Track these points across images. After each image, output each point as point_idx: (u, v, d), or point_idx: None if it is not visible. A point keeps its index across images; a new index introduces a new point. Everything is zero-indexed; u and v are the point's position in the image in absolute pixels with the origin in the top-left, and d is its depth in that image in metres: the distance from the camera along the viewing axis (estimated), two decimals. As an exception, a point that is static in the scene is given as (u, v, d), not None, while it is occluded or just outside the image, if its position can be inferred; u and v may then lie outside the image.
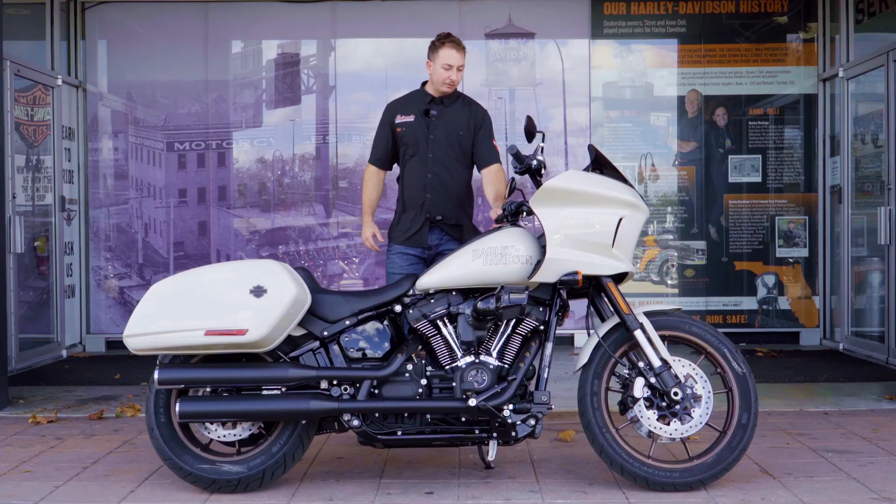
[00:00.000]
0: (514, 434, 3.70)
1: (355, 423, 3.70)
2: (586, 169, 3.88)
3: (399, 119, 4.68)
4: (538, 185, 3.85)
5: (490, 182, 4.62)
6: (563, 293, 3.77)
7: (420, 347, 3.83)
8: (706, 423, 3.71)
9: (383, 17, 7.98)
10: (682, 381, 3.70)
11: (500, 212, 4.13)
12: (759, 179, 7.95)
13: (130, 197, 8.02)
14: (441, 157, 4.61)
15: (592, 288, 3.82)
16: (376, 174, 4.79)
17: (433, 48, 4.61)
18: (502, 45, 8.03)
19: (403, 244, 4.65)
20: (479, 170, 4.72)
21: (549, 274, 3.68)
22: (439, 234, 4.64)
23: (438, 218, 4.61)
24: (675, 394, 3.66)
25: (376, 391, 3.75)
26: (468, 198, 4.73)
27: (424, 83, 4.74)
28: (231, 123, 8.04)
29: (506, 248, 3.75)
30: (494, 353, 3.75)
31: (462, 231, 4.66)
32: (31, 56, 7.55)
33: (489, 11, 7.99)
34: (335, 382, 3.74)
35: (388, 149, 4.75)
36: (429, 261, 4.60)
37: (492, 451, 3.80)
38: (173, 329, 3.59)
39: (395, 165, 4.85)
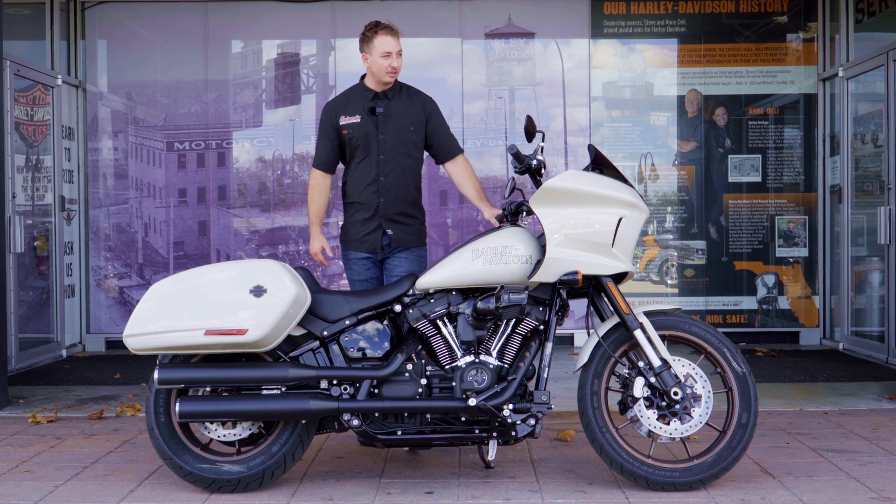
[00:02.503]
0: (513, 434, 3.70)
1: (355, 422, 3.70)
2: (586, 169, 3.88)
3: (343, 120, 4.40)
4: (538, 184, 3.85)
5: (464, 178, 4.49)
6: (563, 293, 3.76)
7: (420, 347, 3.83)
8: (706, 423, 3.71)
9: (383, 16, 7.86)
10: (682, 380, 3.70)
11: (496, 211, 4.11)
12: (758, 179, 7.95)
13: (130, 197, 8.02)
14: (392, 157, 4.40)
15: (592, 288, 3.82)
16: (322, 179, 4.52)
17: (365, 39, 4.41)
18: (502, 45, 8.02)
19: (356, 249, 4.47)
20: (441, 162, 4.54)
21: (548, 274, 3.68)
22: (390, 236, 4.43)
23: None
24: (675, 393, 3.66)
25: (376, 391, 3.75)
26: (419, 195, 4.52)
27: (363, 77, 4.49)
28: (231, 123, 8.04)
29: (506, 248, 3.74)
30: (494, 353, 3.75)
31: (414, 230, 4.48)
32: (31, 56, 7.56)
33: (489, 11, 7.98)
34: (335, 382, 3.74)
35: (334, 152, 4.48)
36: (382, 264, 4.48)
37: (492, 450, 3.80)
38: (173, 329, 3.59)
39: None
